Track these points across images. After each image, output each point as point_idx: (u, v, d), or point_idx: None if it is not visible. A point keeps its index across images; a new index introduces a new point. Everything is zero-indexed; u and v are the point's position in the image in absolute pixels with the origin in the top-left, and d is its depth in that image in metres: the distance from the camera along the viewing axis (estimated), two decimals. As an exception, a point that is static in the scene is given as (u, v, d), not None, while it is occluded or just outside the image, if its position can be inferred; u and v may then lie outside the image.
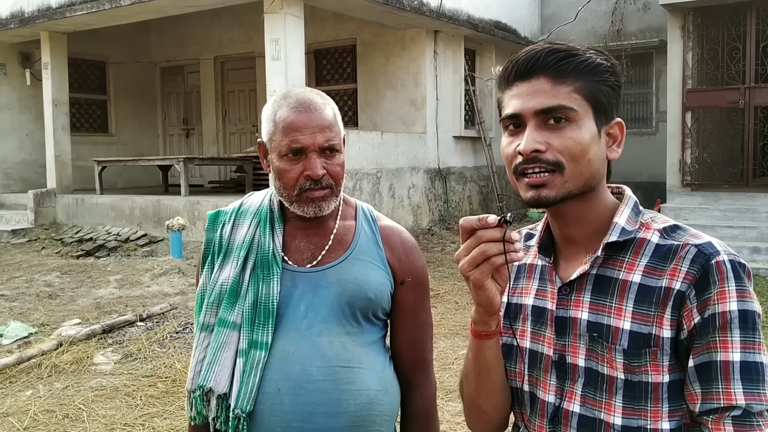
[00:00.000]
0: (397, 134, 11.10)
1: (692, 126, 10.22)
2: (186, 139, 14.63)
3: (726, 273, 1.09)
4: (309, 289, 1.55)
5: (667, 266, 1.13)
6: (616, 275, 1.17)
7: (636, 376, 1.13)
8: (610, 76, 1.17)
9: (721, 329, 1.07)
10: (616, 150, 1.21)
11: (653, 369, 1.13)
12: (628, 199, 1.23)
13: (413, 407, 1.67)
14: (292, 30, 9.14)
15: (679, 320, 1.11)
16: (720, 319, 1.08)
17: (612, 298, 1.17)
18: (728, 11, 9.89)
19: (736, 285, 1.09)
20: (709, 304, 1.08)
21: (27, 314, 6.55)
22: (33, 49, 12.23)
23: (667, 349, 1.11)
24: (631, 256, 1.17)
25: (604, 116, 1.17)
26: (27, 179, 12.38)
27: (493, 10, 12.61)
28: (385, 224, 1.69)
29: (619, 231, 1.18)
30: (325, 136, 1.52)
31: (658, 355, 1.12)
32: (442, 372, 4.78)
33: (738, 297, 1.08)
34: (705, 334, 1.08)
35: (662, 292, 1.12)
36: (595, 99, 1.16)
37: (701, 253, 1.11)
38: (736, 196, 9.68)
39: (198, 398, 1.53)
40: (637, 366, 1.13)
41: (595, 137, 1.16)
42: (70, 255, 9.43)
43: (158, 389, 4.62)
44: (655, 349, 1.12)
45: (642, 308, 1.13)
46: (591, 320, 1.18)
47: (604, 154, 1.19)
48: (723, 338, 1.07)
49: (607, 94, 1.17)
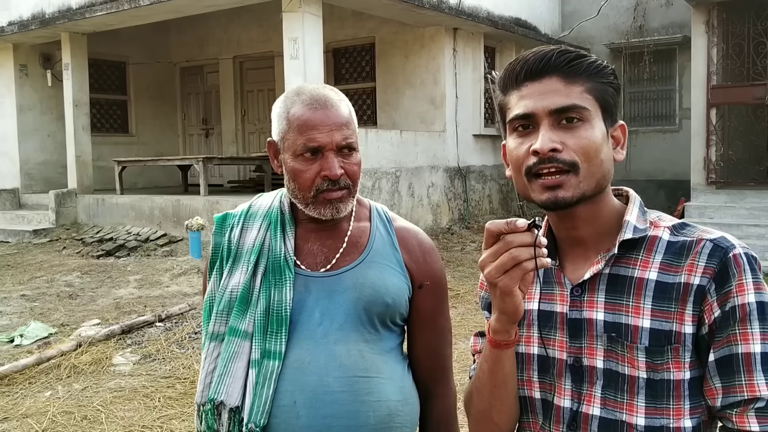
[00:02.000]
0: (417, 133, 11.03)
1: (717, 123, 10.04)
2: (206, 139, 14.67)
3: (743, 266, 1.09)
4: (324, 294, 1.47)
5: (683, 262, 1.13)
6: (631, 273, 1.16)
7: (658, 374, 1.12)
8: (614, 79, 1.19)
9: (741, 322, 1.08)
10: (620, 152, 1.21)
11: (675, 366, 1.11)
12: (635, 198, 1.24)
13: (433, 416, 1.59)
14: (311, 29, 9.10)
15: (701, 315, 1.10)
16: (740, 311, 1.08)
17: (628, 296, 1.15)
18: (754, 5, 9.70)
19: (752, 277, 1.09)
20: (730, 296, 1.08)
21: (47, 314, 6.57)
22: (54, 50, 12.31)
23: (689, 344, 1.11)
24: (645, 253, 1.17)
25: (610, 118, 1.18)
26: (48, 180, 12.46)
27: (513, 7, 12.49)
28: (401, 225, 1.60)
29: (632, 229, 1.18)
30: (342, 134, 1.44)
31: (680, 352, 1.11)
32: (463, 374, 4.70)
33: (755, 289, 1.09)
34: (725, 327, 1.09)
35: (681, 288, 1.11)
36: (603, 100, 1.17)
37: (718, 247, 1.11)
38: (763, 194, 9.49)
39: (209, 412, 1.44)
40: (660, 363, 1.12)
41: (605, 137, 1.17)
42: (90, 255, 9.48)
43: (177, 390, 4.59)
44: (677, 345, 1.11)
45: (662, 305, 1.12)
46: (608, 320, 1.16)
47: (612, 156, 1.19)
48: (743, 330, 1.08)
49: (613, 96, 1.18)
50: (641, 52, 12.71)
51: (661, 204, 12.78)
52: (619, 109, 1.21)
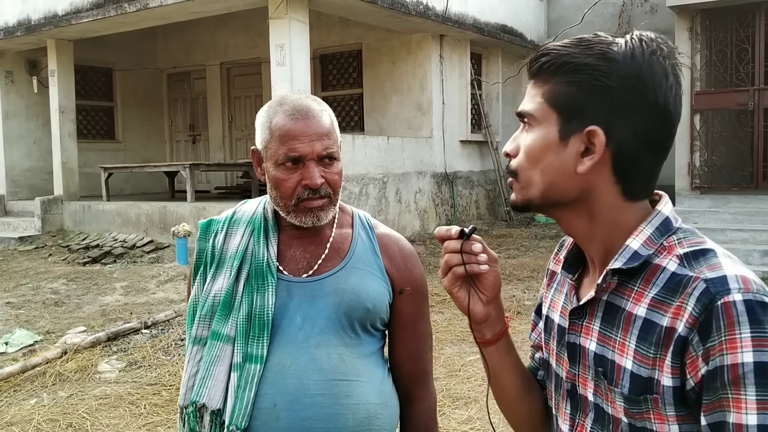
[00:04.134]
0: (404, 139, 11.07)
1: (701, 128, 10.14)
2: (192, 145, 14.64)
3: (736, 317, 0.90)
4: (305, 299, 1.50)
5: (674, 301, 0.96)
6: (624, 305, 1.03)
7: (639, 422, 1.01)
8: (588, 74, 1.00)
9: (732, 385, 0.89)
10: (584, 162, 1.02)
11: (657, 418, 0.99)
12: (655, 215, 1.05)
13: (413, 420, 1.62)
14: (298, 35, 9.12)
15: (682, 368, 0.94)
16: (730, 372, 0.89)
17: (618, 330, 1.03)
18: (737, 12, 9.81)
19: (752, 331, 0.89)
20: (715, 353, 0.90)
21: (33, 322, 6.54)
22: (40, 57, 12.27)
23: (669, 398, 0.96)
24: (642, 284, 1.02)
25: (574, 122, 1.02)
26: (34, 186, 12.40)
27: (499, 14, 12.57)
28: (382, 232, 1.64)
29: (628, 255, 1.03)
30: (323, 144, 1.47)
31: (660, 404, 0.97)
32: (449, 379, 4.73)
33: (755, 346, 0.88)
34: (713, 389, 0.91)
35: (664, 333, 0.96)
36: (557, 103, 1.03)
37: (707, 291, 0.93)
38: (746, 198, 9.58)
39: (191, 414, 1.47)
40: (638, 413, 1.00)
41: (552, 145, 1.03)
42: (76, 262, 9.43)
43: (162, 397, 4.58)
44: (656, 396, 0.97)
45: (643, 347, 0.99)
46: (598, 352, 1.06)
47: (571, 167, 1.03)
48: (736, 396, 0.89)
49: (578, 96, 1.01)
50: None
51: (647, 209, 12.88)
52: (600, 110, 1.01)
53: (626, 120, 1.00)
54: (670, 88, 1.01)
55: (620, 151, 1.01)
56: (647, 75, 1.00)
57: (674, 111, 1.03)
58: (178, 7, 9.57)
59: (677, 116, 1.04)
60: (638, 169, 1.03)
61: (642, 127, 1.01)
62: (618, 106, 1.00)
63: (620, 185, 1.04)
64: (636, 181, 1.04)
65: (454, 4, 11.04)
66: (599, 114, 1.00)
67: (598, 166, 1.02)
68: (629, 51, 1.00)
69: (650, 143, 1.02)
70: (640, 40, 1.02)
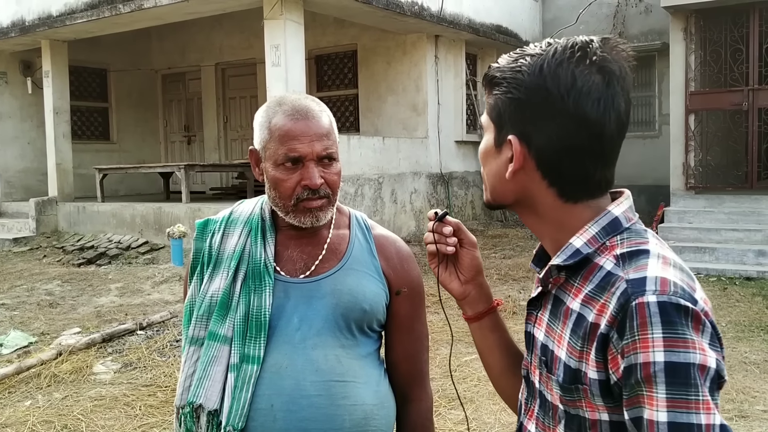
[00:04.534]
0: (399, 139, 11.07)
1: (695, 129, 10.17)
2: (187, 146, 14.62)
3: (649, 317, 0.93)
4: (302, 300, 1.50)
5: (601, 299, 1.01)
6: (565, 299, 1.09)
7: (573, 410, 1.05)
8: (505, 87, 1.08)
9: (645, 382, 0.93)
10: (509, 169, 1.09)
11: (588, 406, 1.03)
12: (603, 215, 1.08)
13: (410, 420, 1.62)
14: (293, 36, 9.12)
15: (605, 363, 0.98)
16: (642, 371, 0.93)
17: (559, 322, 1.09)
18: (731, 13, 9.84)
19: (664, 332, 0.92)
20: (629, 351, 0.94)
21: (27, 323, 6.52)
22: (34, 58, 12.24)
23: (596, 390, 1.00)
24: (581, 280, 1.06)
25: (503, 131, 1.09)
26: (29, 187, 12.36)
27: (494, 15, 12.58)
28: (379, 233, 1.64)
29: (569, 253, 1.07)
30: (323, 144, 1.47)
31: (589, 395, 1.01)
32: (444, 380, 4.72)
33: (666, 347, 0.92)
34: (629, 385, 0.95)
35: (589, 328, 1.01)
36: (491, 114, 1.12)
37: (625, 292, 0.97)
38: (741, 198, 9.61)
39: (187, 415, 1.47)
40: (571, 401, 1.05)
41: (490, 152, 1.13)
42: (71, 263, 9.41)
43: (158, 399, 4.57)
44: (585, 387, 1.02)
45: (573, 340, 1.04)
46: (543, 342, 1.12)
47: (503, 172, 1.10)
48: (648, 393, 0.93)
49: (501, 108, 1.09)
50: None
51: (642, 209, 12.91)
52: (520, 120, 1.07)
53: (541, 129, 1.05)
54: (584, 94, 1.03)
55: (542, 158, 1.07)
56: (552, 85, 1.03)
57: (595, 115, 1.03)
58: (173, 7, 9.55)
59: (603, 119, 1.04)
60: (565, 174, 1.07)
61: (557, 135, 1.04)
62: (531, 116, 1.05)
63: (554, 188, 1.08)
64: (567, 185, 1.08)
65: (449, 5, 11.05)
66: (516, 124, 1.07)
67: (527, 171, 1.08)
68: (539, 63, 1.05)
69: (570, 149, 1.05)
70: (555, 50, 1.05)
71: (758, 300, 7.09)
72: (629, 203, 1.12)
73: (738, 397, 4.48)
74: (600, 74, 1.04)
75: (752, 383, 4.73)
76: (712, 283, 7.97)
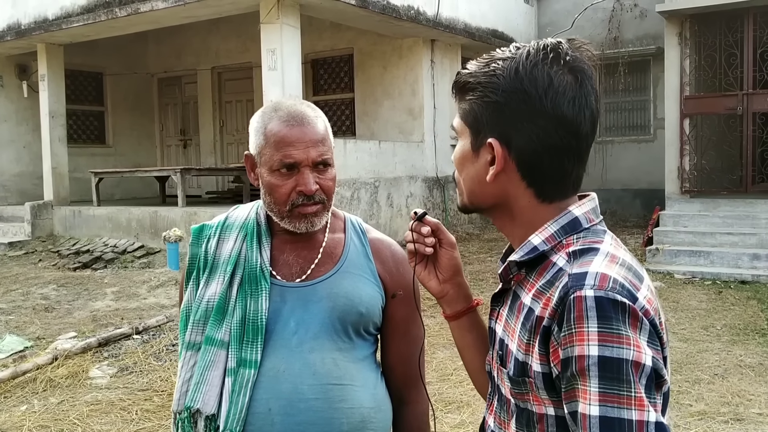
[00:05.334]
0: (395, 143, 11.08)
1: (690, 133, 10.20)
2: (183, 150, 14.61)
3: (585, 311, 0.94)
4: (299, 304, 1.51)
5: (547, 293, 1.03)
6: (521, 294, 1.11)
7: (522, 404, 1.08)
8: (481, 92, 1.10)
9: (580, 376, 0.94)
10: (490, 172, 1.11)
11: (534, 400, 1.05)
12: (563, 215, 1.10)
13: (406, 423, 1.63)
14: (289, 40, 9.13)
15: (548, 356, 1.00)
16: (576, 364, 0.94)
17: (514, 317, 1.11)
18: (725, 17, 9.89)
19: (599, 326, 0.93)
20: (566, 344, 0.96)
21: (23, 327, 6.50)
22: (30, 61, 12.22)
23: (540, 383, 1.02)
24: (535, 276, 1.09)
25: (480, 135, 1.11)
26: (24, 191, 12.34)
27: (489, 19, 12.61)
28: (375, 237, 1.65)
29: (527, 249, 1.10)
30: (318, 150, 1.48)
31: (534, 387, 1.03)
32: (441, 383, 4.73)
33: (600, 341, 0.93)
34: (566, 378, 0.96)
35: (535, 321, 1.03)
36: (466, 120, 1.13)
37: (566, 285, 0.99)
38: (736, 202, 9.64)
39: (185, 420, 1.47)
40: (520, 394, 1.07)
41: (467, 157, 1.15)
42: (66, 267, 9.39)
43: (154, 403, 4.57)
44: (530, 380, 1.04)
45: (521, 332, 1.06)
46: (501, 337, 1.15)
47: (483, 175, 1.12)
48: (582, 387, 0.94)
49: (478, 113, 1.11)
50: (616, 63, 12.88)
51: (637, 212, 12.94)
52: (499, 123, 1.09)
53: (520, 130, 1.07)
54: (560, 94, 1.05)
55: (522, 159, 1.08)
56: (530, 86, 1.05)
57: (571, 114, 1.06)
58: (169, 11, 9.56)
59: (579, 117, 1.07)
60: (545, 173, 1.09)
61: (537, 135, 1.06)
62: (510, 118, 1.07)
63: (532, 188, 1.10)
64: (546, 184, 1.10)
65: (445, 9, 11.08)
66: (495, 127, 1.09)
67: (507, 173, 1.10)
68: (514, 65, 1.07)
69: (550, 148, 1.07)
70: (528, 52, 1.08)
71: (753, 303, 7.11)
72: (592, 205, 1.13)
73: (734, 400, 4.50)
74: (572, 74, 1.06)
75: (747, 386, 4.74)
76: (707, 286, 7.99)
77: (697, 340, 5.87)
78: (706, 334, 6.05)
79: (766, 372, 5.05)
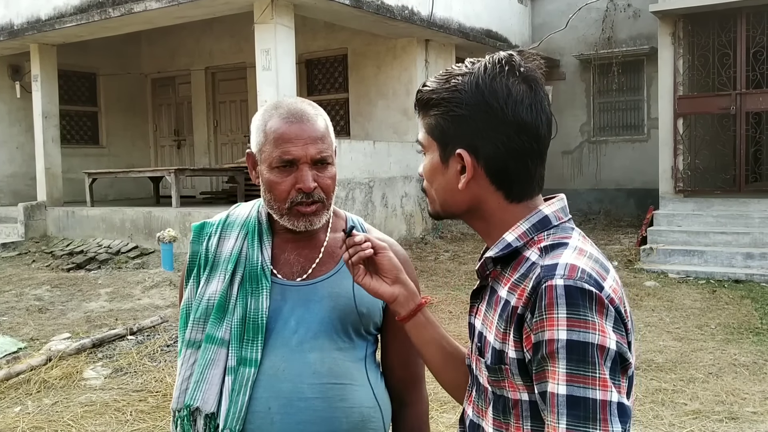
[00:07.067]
0: (390, 143, 11.08)
1: (684, 132, 10.24)
2: (177, 151, 14.57)
3: (555, 299, 1.03)
4: (299, 303, 1.50)
5: (522, 284, 1.12)
6: (498, 289, 1.19)
7: (498, 391, 1.15)
8: (445, 107, 1.18)
9: (549, 358, 1.03)
10: (461, 180, 1.19)
11: (510, 386, 1.12)
12: (534, 214, 1.19)
13: (406, 423, 1.62)
14: (283, 40, 9.12)
15: (521, 342, 1.08)
16: (547, 347, 1.03)
17: (491, 310, 1.18)
18: (718, 17, 9.93)
19: (567, 312, 1.02)
20: (537, 329, 1.04)
21: (16, 329, 6.48)
22: (23, 62, 12.17)
23: (515, 369, 1.10)
24: (510, 271, 1.17)
25: (449, 147, 1.19)
26: (17, 192, 12.29)
27: (483, 19, 12.63)
28: (376, 237, 1.64)
29: (502, 246, 1.19)
30: (317, 147, 1.47)
31: (510, 374, 1.11)
32: (436, 383, 4.72)
33: (569, 326, 1.01)
34: (537, 360, 1.05)
35: (511, 310, 1.11)
36: (433, 134, 1.21)
37: (538, 276, 1.08)
38: (729, 202, 9.68)
39: (184, 418, 1.47)
40: (496, 381, 1.15)
41: (437, 168, 1.22)
42: (60, 268, 9.35)
43: (149, 404, 4.55)
44: (506, 366, 1.11)
45: (499, 323, 1.14)
46: (479, 330, 1.22)
47: (454, 184, 1.20)
48: (552, 368, 1.02)
49: (444, 126, 1.18)
50: (610, 63, 12.92)
51: (631, 212, 12.97)
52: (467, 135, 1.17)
53: (486, 139, 1.16)
54: (518, 102, 1.15)
55: (490, 165, 1.17)
56: (491, 98, 1.15)
57: (530, 119, 1.16)
58: (163, 11, 9.53)
59: (537, 121, 1.16)
60: (511, 176, 1.18)
61: (501, 142, 1.15)
62: (475, 129, 1.16)
63: (501, 191, 1.19)
64: (514, 186, 1.19)
65: (439, 10, 11.08)
66: (463, 138, 1.17)
67: (477, 180, 1.18)
68: (474, 80, 1.16)
69: (514, 152, 1.16)
70: (485, 67, 1.17)
71: (747, 302, 7.14)
72: (561, 205, 1.22)
73: (728, 399, 4.51)
74: (526, 83, 1.16)
75: (742, 385, 4.76)
76: (701, 285, 8.02)
77: (691, 339, 5.89)
78: (700, 333, 6.07)
79: (760, 371, 5.07)
